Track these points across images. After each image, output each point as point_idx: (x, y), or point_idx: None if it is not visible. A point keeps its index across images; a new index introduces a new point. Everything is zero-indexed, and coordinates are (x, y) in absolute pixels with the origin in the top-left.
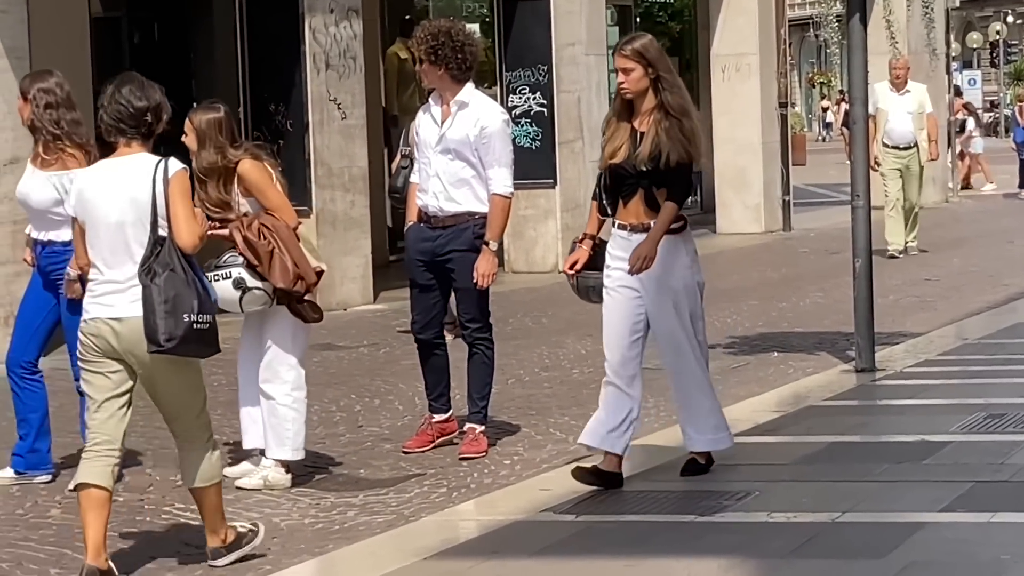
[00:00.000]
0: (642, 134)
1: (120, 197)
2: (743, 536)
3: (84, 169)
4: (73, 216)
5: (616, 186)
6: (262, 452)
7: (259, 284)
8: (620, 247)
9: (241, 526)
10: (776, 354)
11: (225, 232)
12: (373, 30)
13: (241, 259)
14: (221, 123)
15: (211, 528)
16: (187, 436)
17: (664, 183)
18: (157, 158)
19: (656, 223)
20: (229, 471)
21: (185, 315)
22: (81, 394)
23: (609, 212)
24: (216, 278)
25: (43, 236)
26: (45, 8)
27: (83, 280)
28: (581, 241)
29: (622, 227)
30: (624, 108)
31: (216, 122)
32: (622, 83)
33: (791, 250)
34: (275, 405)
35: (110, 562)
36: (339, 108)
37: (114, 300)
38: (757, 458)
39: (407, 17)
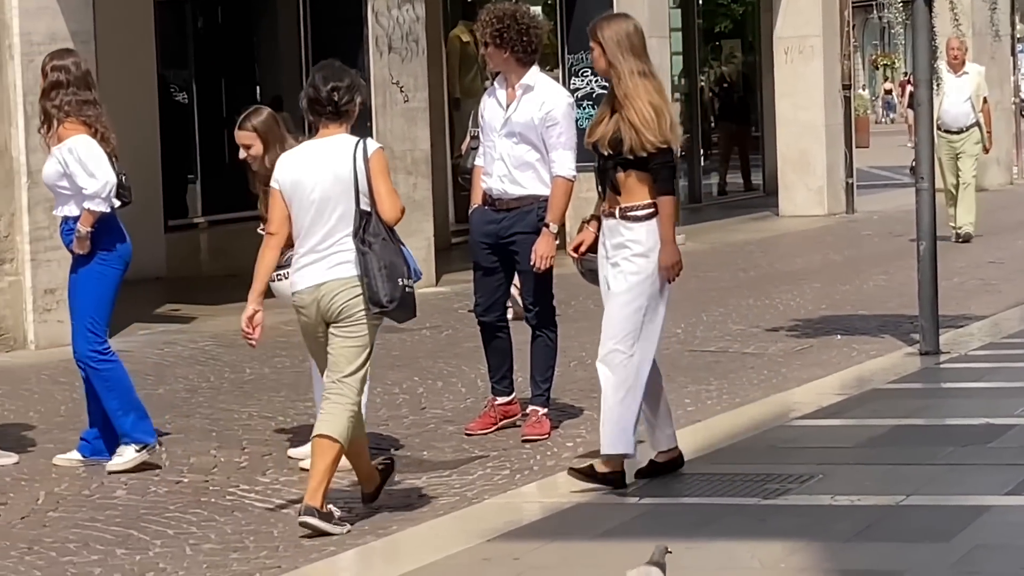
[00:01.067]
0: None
1: (324, 175)
2: (807, 519)
3: (291, 150)
4: (276, 188)
5: (600, 167)
6: None
7: None
8: (603, 233)
9: (335, 508)
10: (839, 337)
11: None
12: (436, 13)
13: None
14: (276, 119)
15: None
16: (340, 390)
17: (633, 168)
18: (356, 139)
19: (660, 224)
20: (293, 452)
21: (399, 279)
22: (87, 381)
23: (602, 196)
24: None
25: (59, 212)
26: None
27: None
28: (588, 222)
29: (602, 211)
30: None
31: (272, 119)
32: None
33: (854, 233)
34: None
35: (330, 506)
36: (401, 91)
37: (315, 268)
38: (821, 441)
39: (469, 0)
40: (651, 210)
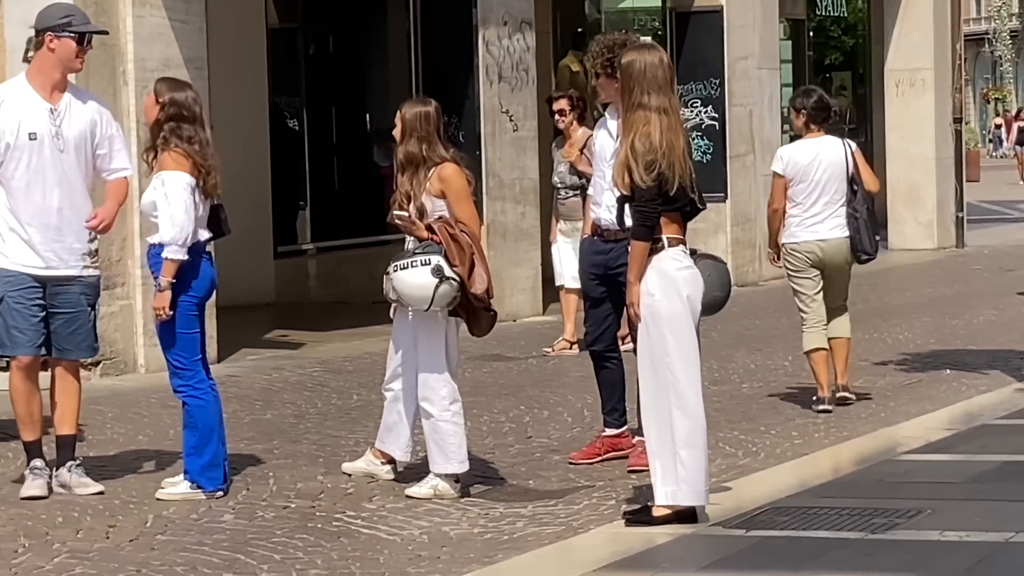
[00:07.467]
0: None
1: (821, 162)
2: (914, 554)
3: (790, 145)
4: (781, 175)
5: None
6: (390, 461)
7: (455, 277)
8: None
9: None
10: (948, 371)
11: (420, 228)
12: (546, 42)
13: (440, 250)
14: (429, 116)
15: (842, 374)
16: (837, 306)
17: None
18: (839, 139)
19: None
20: (346, 466)
21: (876, 237)
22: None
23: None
24: (413, 264)
25: (152, 238)
26: (224, 19)
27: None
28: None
29: None
30: None
31: (424, 115)
32: None
33: (964, 267)
34: (436, 423)
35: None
36: (511, 120)
37: (817, 227)
38: (929, 476)
39: (579, 30)
40: (657, 244)
